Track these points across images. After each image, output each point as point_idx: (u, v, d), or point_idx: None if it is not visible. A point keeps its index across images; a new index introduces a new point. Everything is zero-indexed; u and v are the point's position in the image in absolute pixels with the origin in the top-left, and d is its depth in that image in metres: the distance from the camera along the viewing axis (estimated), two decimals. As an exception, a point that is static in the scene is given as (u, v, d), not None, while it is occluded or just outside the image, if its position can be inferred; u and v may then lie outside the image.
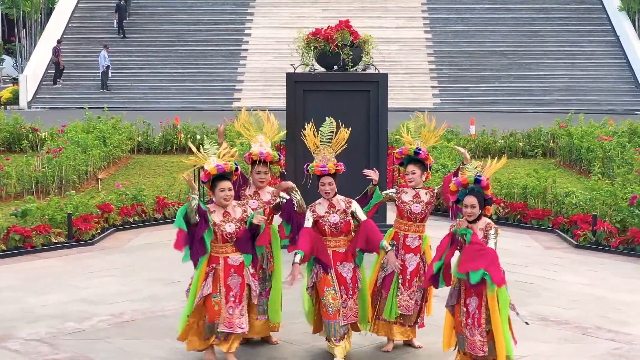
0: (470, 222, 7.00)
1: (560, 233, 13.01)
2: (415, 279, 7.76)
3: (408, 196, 7.95)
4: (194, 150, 7.51)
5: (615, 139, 18.70)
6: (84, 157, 16.87)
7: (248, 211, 7.49)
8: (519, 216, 13.78)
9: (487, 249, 6.86)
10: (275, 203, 8.01)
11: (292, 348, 8.08)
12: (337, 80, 12.25)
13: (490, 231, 7.00)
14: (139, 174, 18.53)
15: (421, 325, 8.02)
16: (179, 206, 13.73)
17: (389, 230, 8.00)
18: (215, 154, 7.44)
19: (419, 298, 7.81)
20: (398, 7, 40.89)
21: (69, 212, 12.37)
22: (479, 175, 7.05)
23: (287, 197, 7.91)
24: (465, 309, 7.03)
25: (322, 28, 12.33)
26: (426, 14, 40.46)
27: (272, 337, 8.13)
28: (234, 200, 7.55)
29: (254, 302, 7.60)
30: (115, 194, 13.85)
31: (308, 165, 7.71)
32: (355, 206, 7.64)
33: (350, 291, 7.57)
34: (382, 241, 7.54)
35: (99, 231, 12.76)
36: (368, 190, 7.94)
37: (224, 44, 38.69)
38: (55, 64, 36.26)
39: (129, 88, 36.15)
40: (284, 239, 7.99)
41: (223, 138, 8.46)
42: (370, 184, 7.96)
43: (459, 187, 7.10)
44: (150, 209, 13.78)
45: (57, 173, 15.93)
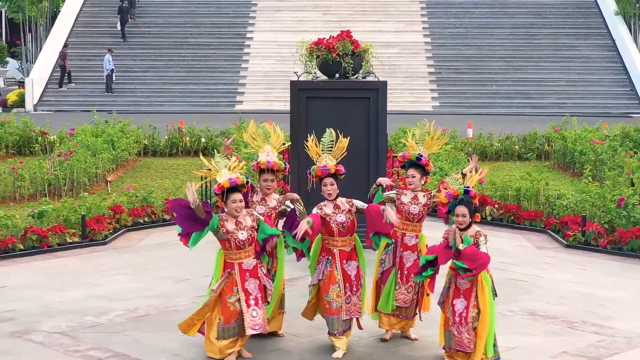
0: (462, 230, 7.64)
1: (552, 233, 13.59)
2: (412, 275, 8.35)
3: (407, 198, 8.56)
4: (206, 163, 8.05)
5: (607, 142, 19.29)
6: (94, 160, 17.47)
7: (255, 216, 8.05)
8: (512, 217, 14.37)
9: (481, 253, 7.52)
10: (281, 209, 8.59)
11: (297, 340, 8.66)
12: (339, 88, 12.71)
13: (480, 238, 7.63)
14: (146, 176, 19.12)
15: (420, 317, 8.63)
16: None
17: (389, 229, 8.60)
18: (226, 166, 7.97)
19: (416, 292, 8.43)
20: (398, 12, 41.41)
21: (82, 214, 12.96)
22: (468, 187, 7.69)
23: (292, 207, 8.48)
24: (451, 308, 7.66)
25: (324, 38, 12.87)
26: (425, 18, 40.99)
27: (279, 330, 8.73)
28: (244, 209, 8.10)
29: (267, 301, 8.16)
30: (126, 196, 14.44)
31: (310, 168, 8.29)
32: (356, 202, 8.21)
33: (354, 288, 8.12)
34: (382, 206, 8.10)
35: (111, 231, 13.34)
36: (370, 193, 8.55)
37: (226, 47, 39.22)
38: (61, 67, 36.87)
39: (133, 91, 36.71)
40: (287, 248, 8.56)
41: (229, 151, 9.02)
42: (374, 184, 8.59)
43: (450, 199, 7.73)
44: (159, 210, 14.37)
45: (69, 176, 16.53)
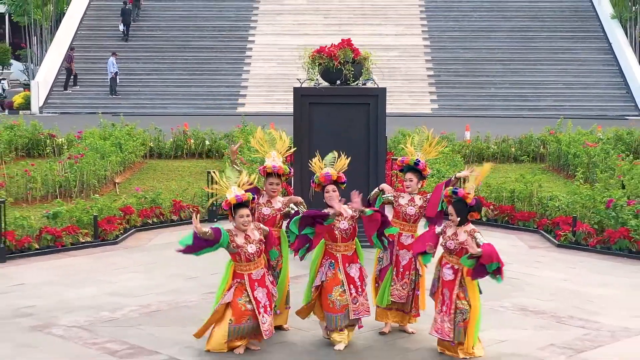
0: (458, 226, 8.30)
1: (544, 233, 14.15)
2: (407, 272, 8.94)
3: (404, 200, 9.14)
4: (217, 179, 8.60)
5: (600, 145, 19.86)
6: (103, 163, 18.06)
7: (263, 228, 8.63)
8: (506, 218, 14.93)
9: (488, 247, 8.18)
10: (285, 211, 9.16)
11: (301, 333, 9.21)
12: (340, 94, 13.21)
13: (476, 234, 8.27)
14: (152, 178, 19.71)
15: (416, 315, 9.19)
16: (194, 208, 15.00)
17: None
18: (236, 182, 8.52)
19: (411, 289, 9.01)
20: (397, 15, 42.04)
21: (95, 215, 13.54)
22: (456, 188, 8.37)
23: (296, 209, 9.05)
24: (441, 297, 8.34)
25: (326, 46, 13.45)
26: (425, 22, 41.61)
27: (284, 324, 9.31)
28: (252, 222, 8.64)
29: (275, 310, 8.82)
30: (135, 198, 15.02)
31: (314, 177, 8.83)
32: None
33: (359, 289, 8.66)
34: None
35: (122, 231, 13.90)
36: (370, 197, 9.14)
37: (228, 50, 39.87)
38: (67, 70, 37.47)
39: (137, 93, 37.34)
40: (292, 248, 9.13)
41: (236, 156, 9.59)
42: (376, 189, 9.18)
43: (444, 199, 8.50)
44: (167, 211, 14.94)
45: (79, 178, 17.11)
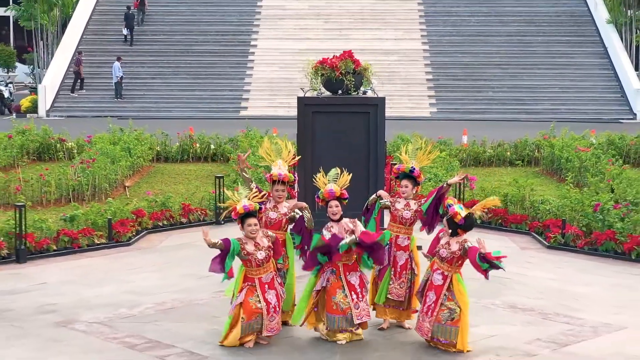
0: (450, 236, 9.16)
1: (535, 235, 14.87)
2: (404, 272, 9.70)
3: (400, 205, 9.88)
4: (230, 195, 9.38)
5: (592, 150, 20.61)
6: (114, 167, 18.81)
7: (271, 236, 9.39)
8: (500, 220, 15.64)
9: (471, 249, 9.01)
10: (291, 215, 9.91)
11: (304, 328, 9.92)
12: (341, 103, 13.88)
13: (466, 244, 9.05)
14: (160, 182, 20.46)
15: (414, 311, 9.94)
16: (202, 212, 15.75)
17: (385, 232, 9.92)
18: (246, 196, 9.31)
19: (408, 287, 9.76)
20: (397, 20, 42.76)
21: (109, 217, 14.29)
22: (450, 205, 9.18)
23: (300, 214, 9.80)
24: (424, 299, 9.18)
25: (328, 57, 14.17)
26: (424, 26, 42.33)
27: (289, 321, 10.05)
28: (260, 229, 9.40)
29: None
30: (146, 201, 15.76)
31: (318, 192, 9.56)
32: (357, 225, 9.37)
33: (360, 295, 9.38)
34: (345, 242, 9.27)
35: (134, 233, 14.64)
36: (369, 202, 9.89)
37: (231, 54, 40.58)
38: (75, 73, 38.21)
39: (142, 97, 38.06)
40: (296, 249, 9.91)
41: (245, 164, 10.35)
42: (374, 195, 9.93)
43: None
44: (177, 214, 15.68)
45: (91, 182, 17.86)
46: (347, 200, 9.58)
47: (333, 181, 9.61)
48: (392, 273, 9.76)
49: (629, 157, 22.85)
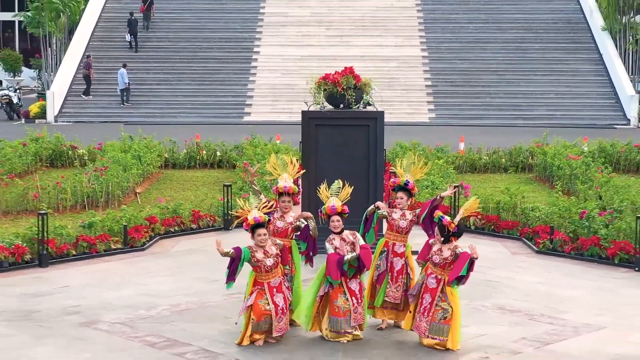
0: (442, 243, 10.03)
1: (525, 241, 15.70)
2: (400, 276, 10.60)
3: (397, 215, 10.79)
4: (241, 204, 10.28)
5: (582, 158, 21.49)
6: (126, 175, 19.71)
7: (278, 244, 10.29)
8: (493, 227, 16.51)
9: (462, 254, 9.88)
10: (296, 225, 10.81)
11: (311, 328, 10.87)
12: (343, 117, 14.76)
13: (457, 250, 9.94)
14: (170, 188, 21.34)
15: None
16: (211, 218, 16.64)
17: (381, 240, 10.84)
18: (256, 207, 10.22)
19: (404, 290, 10.65)
20: (397, 27, 43.49)
21: (124, 224, 15.19)
22: (442, 216, 10.04)
23: (305, 223, 10.69)
24: (420, 300, 10.07)
25: (331, 73, 15.06)
26: (423, 33, 43.05)
27: (296, 321, 10.94)
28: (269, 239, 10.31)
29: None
30: (159, 208, 16.65)
31: (321, 207, 10.43)
32: (358, 237, 10.32)
33: (359, 300, 10.29)
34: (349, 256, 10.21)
35: (148, 239, 15.51)
36: (368, 213, 10.80)
37: (234, 61, 41.31)
38: (85, 77, 39.08)
39: (148, 103, 38.87)
40: (302, 255, 10.84)
41: (254, 177, 11.27)
42: (372, 206, 10.84)
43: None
44: (187, 220, 16.57)
45: (105, 189, 18.77)
46: (348, 215, 10.46)
47: (335, 194, 10.48)
48: (390, 277, 10.66)
49: (619, 164, 23.70)
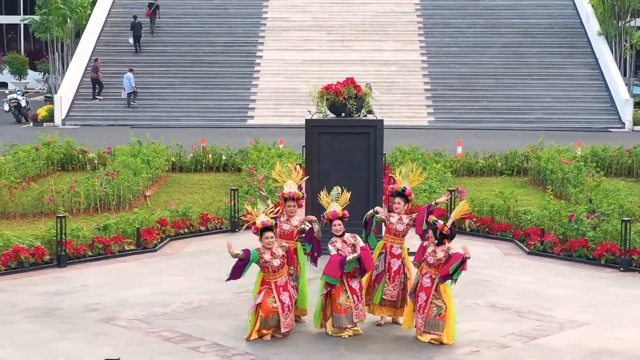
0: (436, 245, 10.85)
1: (518, 242, 16.47)
2: (397, 276, 11.44)
3: (394, 219, 11.62)
4: (249, 209, 11.11)
5: (574, 162, 22.32)
6: (136, 179, 20.55)
7: (284, 246, 11.10)
8: (487, 229, 17.32)
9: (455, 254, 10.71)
10: (301, 227, 11.64)
11: (313, 323, 11.59)
12: (344, 125, 15.52)
13: (450, 251, 10.76)
14: (177, 191, 22.17)
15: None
16: (218, 220, 17.46)
17: (379, 242, 11.66)
18: (264, 211, 11.05)
19: (401, 289, 11.50)
20: (396, 32, 44.20)
21: (137, 226, 16.02)
22: (436, 220, 10.87)
23: (310, 226, 11.52)
24: (416, 299, 10.91)
25: (333, 84, 15.88)
26: (422, 38, 43.77)
27: (301, 317, 11.79)
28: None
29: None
30: (169, 211, 17.47)
31: (323, 212, 11.26)
32: (358, 239, 11.15)
33: (359, 297, 11.12)
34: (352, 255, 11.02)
35: (159, 241, 16.31)
36: (367, 217, 11.63)
37: (238, 65, 42.00)
38: (93, 80, 39.84)
39: (153, 107, 39.60)
40: (307, 256, 11.69)
41: (262, 184, 12.10)
42: (371, 210, 11.68)
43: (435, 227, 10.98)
44: (196, 223, 17.39)
45: (116, 192, 19.61)
46: (348, 218, 11.28)
47: (335, 200, 11.30)
48: (387, 277, 11.50)
49: (611, 168, 24.53)
